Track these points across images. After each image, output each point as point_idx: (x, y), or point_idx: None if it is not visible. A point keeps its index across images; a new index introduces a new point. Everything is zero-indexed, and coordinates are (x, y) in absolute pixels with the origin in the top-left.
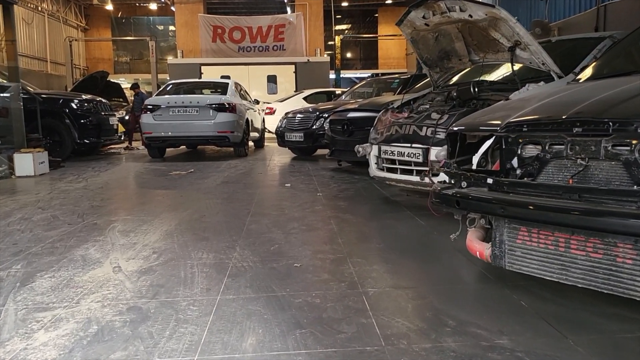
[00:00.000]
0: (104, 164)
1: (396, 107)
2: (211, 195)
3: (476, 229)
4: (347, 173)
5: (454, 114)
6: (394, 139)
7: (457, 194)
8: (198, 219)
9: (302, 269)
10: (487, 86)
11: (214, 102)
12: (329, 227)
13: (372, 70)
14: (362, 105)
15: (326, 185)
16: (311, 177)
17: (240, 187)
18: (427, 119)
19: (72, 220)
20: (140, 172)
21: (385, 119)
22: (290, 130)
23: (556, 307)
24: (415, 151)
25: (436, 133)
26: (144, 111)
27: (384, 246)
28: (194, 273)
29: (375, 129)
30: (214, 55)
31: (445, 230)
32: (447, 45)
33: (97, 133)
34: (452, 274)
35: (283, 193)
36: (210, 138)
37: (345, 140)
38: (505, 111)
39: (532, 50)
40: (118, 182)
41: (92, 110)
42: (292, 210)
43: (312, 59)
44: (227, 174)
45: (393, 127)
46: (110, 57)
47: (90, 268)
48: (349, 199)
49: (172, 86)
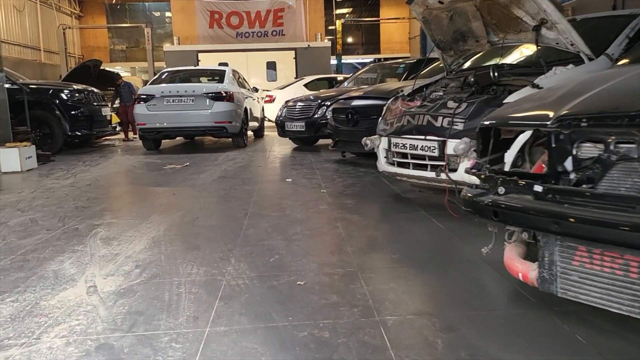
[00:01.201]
0: (96, 157)
1: (407, 94)
2: (206, 192)
3: (516, 244)
4: (352, 165)
5: (473, 102)
6: (406, 131)
7: (495, 204)
8: (190, 223)
9: (307, 288)
10: (507, 70)
11: (210, 91)
12: (335, 231)
13: (374, 55)
14: (368, 92)
15: (330, 180)
16: (314, 170)
17: (238, 183)
18: (443, 108)
19: (52, 225)
20: (133, 166)
21: (395, 108)
22: (291, 120)
23: (623, 343)
24: (430, 144)
25: (453, 124)
26: (137, 101)
27: (400, 256)
28: (181, 295)
29: (384, 119)
30: (211, 42)
31: (467, 235)
32: (462, 26)
33: (89, 125)
34: (484, 294)
35: (284, 189)
36: (207, 129)
37: (349, 131)
38: (549, 101)
39: (560, 29)
40: (108, 178)
41: (84, 100)
42: (294, 211)
43: (313, 44)
44: (224, 168)
45: (404, 117)
46: (106, 45)
47: (62, 288)
48: (356, 196)
49: (166, 74)
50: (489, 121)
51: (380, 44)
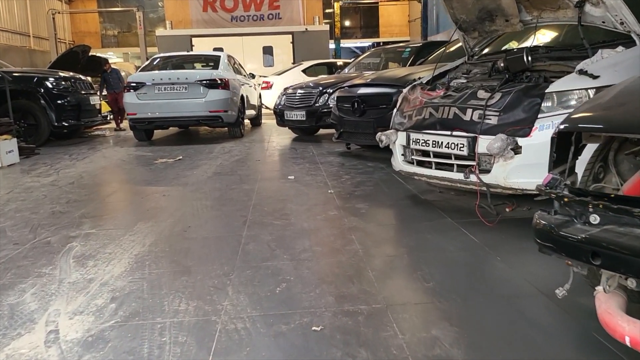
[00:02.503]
0: (84, 149)
1: (425, 82)
2: (200, 193)
3: (615, 291)
4: (359, 159)
5: (508, 91)
6: (428, 125)
7: (595, 241)
8: (180, 234)
9: (325, 338)
10: (543, 54)
11: (204, 78)
12: (351, 247)
13: (373, 39)
14: (376, 79)
15: (337, 177)
16: (317, 164)
17: (235, 181)
18: (472, 98)
19: (21, 238)
20: (122, 159)
21: (414, 98)
22: (291, 108)
23: None
24: (458, 141)
25: (486, 117)
26: (127, 89)
27: (434, 285)
28: (164, 347)
29: (401, 111)
30: (206, 26)
31: (510, 251)
32: (490, 3)
33: (77, 114)
34: (561, 351)
35: (286, 189)
36: (201, 118)
37: (355, 121)
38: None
39: (609, 5)
40: (93, 175)
41: (71, 89)
42: (299, 218)
43: (311, 28)
44: (220, 162)
45: (426, 109)
46: (97, 31)
47: (15, 334)
48: (369, 198)
49: (158, 60)
50: (575, 124)
51: (379, 28)
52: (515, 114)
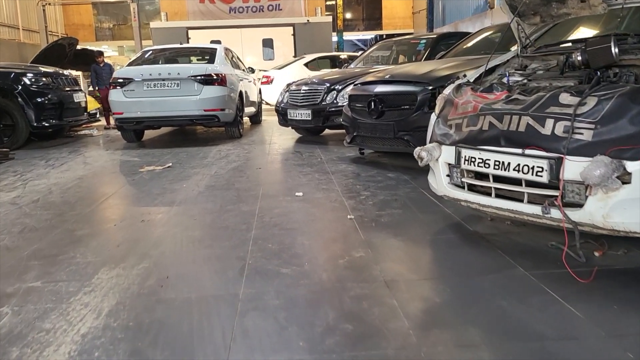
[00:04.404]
0: (65, 153)
1: (473, 80)
2: (187, 217)
3: None
4: (376, 167)
5: (607, 95)
6: (487, 139)
7: None
8: (153, 293)
9: None
10: (634, 44)
11: (198, 73)
12: (396, 325)
13: (375, 31)
14: (395, 75)
15: (354, 194)
16: (328, 175)
17: (232, 199)
18: (553, 104)
19: None
20: (104, 167)
21: (465, 102)
22: (294, 107)
23: None
24: (533, 163)
25: (575, 131)
26: (112, 86)
27: None
28: None
29: (444, 118)
30: (203, 18)
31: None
32: None
33: (59, 113)
34: None
35: (294, 213)
36: (195, 118)
37: (372, 124)
38: None
39: None
40: (65, 188)
41: (52, 85)
42: (315, 264)
43: (312, 19)
44: (214, 170)
45: (483, 117)
46: (91, 23)
47: None
48: (400, 228)
49: (150, 53)
50: None
51: (382, 20)
52: (620, 128)
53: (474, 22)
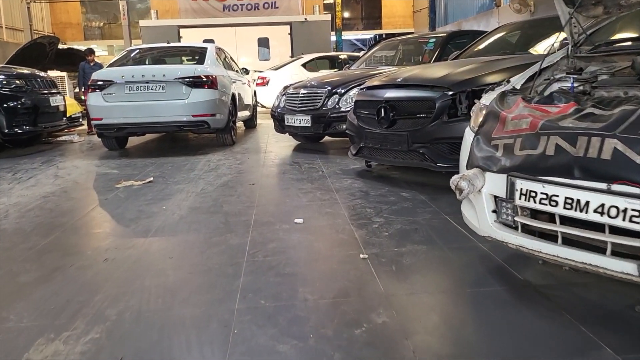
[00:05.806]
0: (37, 163)
1: (519, 87)
2: (163, 254)
3: None
4: (387, 183)
5: None
6: (553, 168)
7: None
8: None
9: None
10: None
11: (186, 75)
12: None
13: (374, 30)
14: (409, 78)
15: (365, 220)
16: (331, 193)
17: (219, 227)
18: None
19: None
20: (77, 181)
21: (517, 116)
22: (292, 112)
23: None
24: (625, 203)
25: None
26: (91, 89)
27: None
28: None
29: (485, 135)
30: (195, 16)
31: None
32: None
33: (33, 118)
34: None
35: (294, 248)
36: (183, 124)
37: (381, 134)
38: None
39: None
40: (24, 211)
41: (25, 88)
42: (323, 334)
43: (310, 18)
44: (201, 187)
45: (547, 138)
46: (79, 22)
47: None
48: (428, 274)
49: (135, 53)
50: None
51: (381, 19)
52: None
53: (479, 21)
